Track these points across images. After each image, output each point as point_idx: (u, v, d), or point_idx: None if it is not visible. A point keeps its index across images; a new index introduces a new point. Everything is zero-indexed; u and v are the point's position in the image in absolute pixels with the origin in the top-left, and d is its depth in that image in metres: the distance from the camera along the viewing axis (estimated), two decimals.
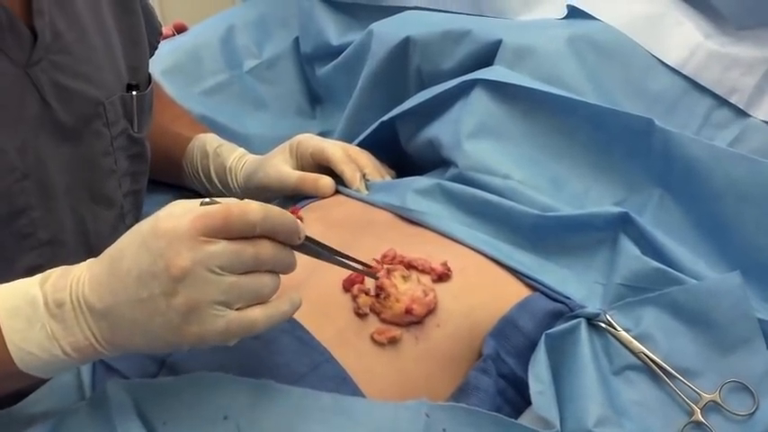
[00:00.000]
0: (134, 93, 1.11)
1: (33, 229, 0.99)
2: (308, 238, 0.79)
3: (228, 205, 0.73)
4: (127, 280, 0.73)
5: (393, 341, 0.90)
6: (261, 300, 0.76)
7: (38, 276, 0.77)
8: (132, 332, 0.74)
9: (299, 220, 0.79)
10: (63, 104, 1.00)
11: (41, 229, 1.00)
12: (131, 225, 0.85)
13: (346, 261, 0.88)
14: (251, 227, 0.74)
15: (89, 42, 1.04)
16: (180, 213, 0.73)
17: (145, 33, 1.17)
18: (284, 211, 0.77)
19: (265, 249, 0.75)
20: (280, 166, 1.21)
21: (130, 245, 0.74)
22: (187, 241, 0.71)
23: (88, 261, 0.77)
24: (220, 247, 0.72)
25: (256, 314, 0.75)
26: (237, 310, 0.74)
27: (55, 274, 0.76)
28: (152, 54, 1.29)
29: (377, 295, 0.92)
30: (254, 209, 0.74)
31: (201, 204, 0.74)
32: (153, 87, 1.18)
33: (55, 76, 0.99)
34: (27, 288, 0.75)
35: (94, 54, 1.05)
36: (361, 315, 0.91)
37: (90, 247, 1.06)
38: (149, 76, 1.18)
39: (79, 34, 1.02)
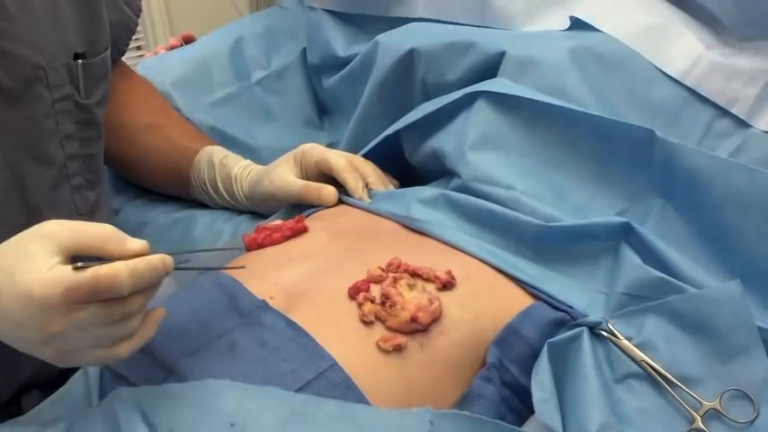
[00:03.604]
0: (80, 61, 1.13)
1: None
2: (175, 268, 0.84)
3: (98, 277, 0.77)
4: (3, 315, 0.78)
5: (398, 348, 0.90)
6: (127, 336, 0.82)
7: None
8: (11, 343, 0.82)
9: (167, 256, 0.83)
10: (3, 67, 1.04)
11: None
12: (80, 186, 1.10)
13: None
14: (119, 293, 0.78)
15: (32, 11, 1.07)
16: (50, 283, 0.76)
17: (104, 9, 1.19)
18: (153, 263, 0.81)
19: (135, 304, 0.81)
20: (284, 175, 1.22)
21: (5, 287, 0.78)
22: (58, 310, 0.77)
23: None
24: (90, 311, 0.78)
25: (122, 349, 0.82)
26: (107, 348, 0.82)
27: None
28: (123, 51, 1.33)
29: (382, 303, 0.93)
30: (122, 279, 0.78)
31: (74, 269, 0.77)
32: (106, 59, 1.20)
33: None
34: None
35: (37, 22, 1.08)
36: (366, 323, 0.92)
37: (28, 203, 1.10)
38: (106, 48, 1.20)
39: (21, 3, 1.06)
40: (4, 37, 1.04)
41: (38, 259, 0.78)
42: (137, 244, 0.82)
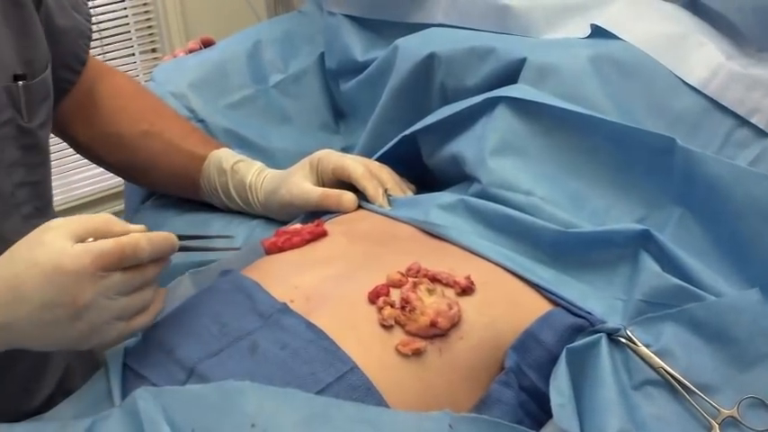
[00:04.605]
0: (20, 83, 1.10)
1: None
2: (181, 247, 0.96)
3: (122, 244, 0.87)
4: (28, 304, 0.84)
5: (417, 353, 0.91)
6: (144, 308, 0.93)
7: None
8: (30, 342, 0.88)
9: (173, 235, 0.94)
10: None
11: None
12: (30, 215, 1.11)
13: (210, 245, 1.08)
14: (140, 260, 0.89)
15: None
16: (77, 255, 0.85)
17: (40, 26, 1.15)
18: (164, 235, 0.93)
19: (150, 272, 0.92)
20: (302, 183, 1.22)
21: (28, 273, 0.85)
22: (89, 278, 0.85)
23: None
24: (116, 278, 0.87)
25: (140, 321, 0.93)
26: (127, 321, 0.91)
27: None
28: (84, 59, 1.30)
29: (402, 308, 0.93)
30: (143, 246, 0.89)
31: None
32: (46, 79, 1.16)
33: None
34: None
35: None
36: (386, 327, 0.93)
37: None
38: (46, 67, 1.16)
39: None
40: None
41: (56, 243, 0.86)
42: (137, 226, 0.92)
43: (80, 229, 0.87)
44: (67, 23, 1.23)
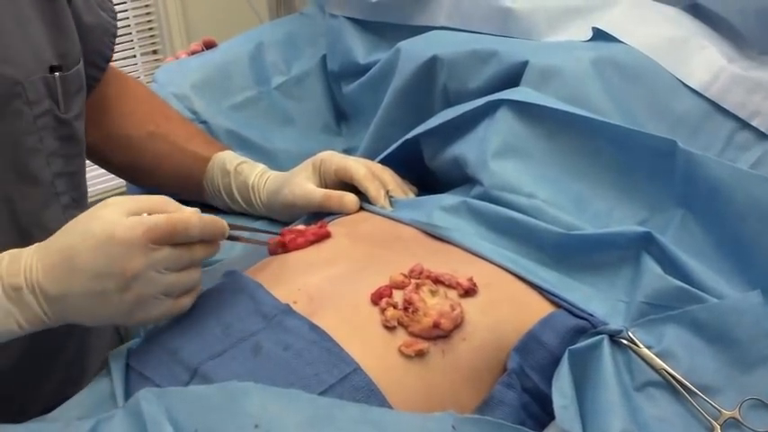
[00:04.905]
0: (57, 74, 1.13)
1: None
2: (229, 236, 1.00)
3: (173, 219, 0.91)
4: (81, 275, 0.89)
5: (420, 354, 0.91)
6: (191, 289, 0.96)
7: None
8: (82, 314, 0.92)
9: (224, 221, 0.98)
10: None
11: None
12: (69, 205, 1.13)
13: (258, 235, 1.11)
14: (190, 237, 0.93)
15: (1, 26, 1.07)
16: (131, 226, 0.89)
17: (71, 20, 1.18)
18: (216, 218, 0.97)
19: (199, 252, 0.95)
20: (304, 184, 1.22)
21: (84, 245, 0.89)
22: (140, 249, 0.89)
23: (34, 247, 0.92)
24: (165, 253, 0.91)
25: (186, 301, 0.96)
26: (174, 298, 0.94)
27: (6, 260, 0.91)
28: (108, 57, 1.32)
29: (405, 309, 0.93)
30: (194, 223, 0.93)
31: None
32: (80, 71, 1.19)
33: None
34: None
35: (8, 37, 1.07)
36: (389, 328, 0.93)
37: (19, 225, 1.11)
38: (79, 60, 1.19)
39: None
40: None
41: (112, 215, 0.90)
42: (191, 208, 0.95)
43: (135, 207, 0.91)
44: (94, 20, 1.26)
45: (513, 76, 1.20)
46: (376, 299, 0.96)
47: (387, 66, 1.37)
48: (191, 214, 0.93)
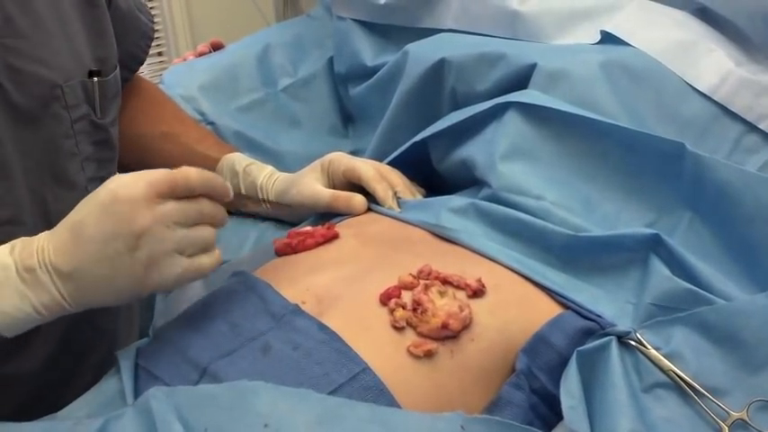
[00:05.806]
0: (95, 78, 1.14)
1: None
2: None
3: (173, 172, 0.91)
4: (90, 244, 0.87)
5: (429, 354, 0.91)
6: (205, 247, 0.93)
7: (5, 246, 0.90)
8: (97, 288, 0.89)
9: (227, 183, 0.97)
10: (17, 86, 1.04)
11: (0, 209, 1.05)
12: None
13: None
14: (192, 189, 0.92)
15: (44, 28, 1.07)
16: (132, 182, 0.89)
17: (110, 26, 1.19)
18: (216, 174, 0.96)
19: (205, 205, 0.93)
20: (312, 185, 1.23)
21: (90, 214, 0.88)
22: (144, 203, 0.88)
23: (45, 233, 0.91)
24: (170, 205, 0.90)
25: (204, 260, 0.93)
26: (189, 257, 0.91)
27: (19, 245, 0.90)
28: (142, 60, 1.34)
29: (414, 309, 0.93)
30: (193, 174, 0.92)
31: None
32: (117, 77, 1.20)
33: (7, 59, 1.03)
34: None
35: (50, 39, 1.08)
36: (397, 328, 0.93)
37: (51, 227, 1.10)
38: (116, 66, 1.21)
39: (33, 20, 1.06)
40: (17, 55, 1.04)
41: (114, 182, 0.90)
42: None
43: (137, 174, 0.90)
44: (132, 24, 1.27)
45: (522, 79, 1.20)
46: (385, 299, 0.96)
47: (394, 68, 1.38)
48: (189, 168, 0.92)
